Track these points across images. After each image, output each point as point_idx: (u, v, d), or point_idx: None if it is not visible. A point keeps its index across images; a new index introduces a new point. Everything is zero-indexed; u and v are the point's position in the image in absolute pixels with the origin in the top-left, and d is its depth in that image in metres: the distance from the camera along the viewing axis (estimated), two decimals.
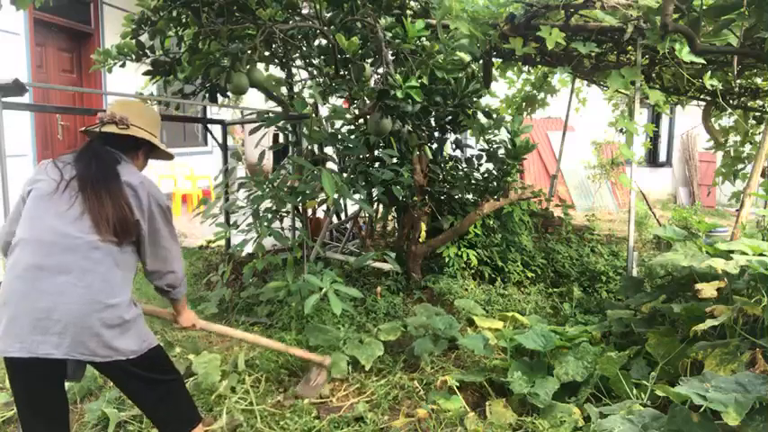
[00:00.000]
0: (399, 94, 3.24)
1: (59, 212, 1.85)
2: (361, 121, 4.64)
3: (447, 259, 4.75)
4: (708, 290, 2.83)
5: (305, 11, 3.99)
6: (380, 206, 5.21)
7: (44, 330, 1.75)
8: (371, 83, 3.98)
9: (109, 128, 2.00)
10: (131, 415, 2.80)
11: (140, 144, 2.10)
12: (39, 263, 1.79)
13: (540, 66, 5.65)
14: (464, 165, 5.49)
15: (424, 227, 4.70)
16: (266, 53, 4.34)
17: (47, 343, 1.74)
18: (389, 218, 5.73)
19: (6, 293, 1.79)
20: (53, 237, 1.81)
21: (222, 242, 5.10)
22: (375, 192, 4.63)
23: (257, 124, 4.16)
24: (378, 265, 4.63)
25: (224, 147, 4.74)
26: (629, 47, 4.32)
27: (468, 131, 5.08)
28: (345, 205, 5.98)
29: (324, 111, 5.16)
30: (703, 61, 3.68)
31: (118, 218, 1.88)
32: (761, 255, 2.93)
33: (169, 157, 2.27)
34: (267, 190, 3.52)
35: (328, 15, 3.77)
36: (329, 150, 4.91)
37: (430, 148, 5.18)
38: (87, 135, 2.08)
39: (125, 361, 1.86)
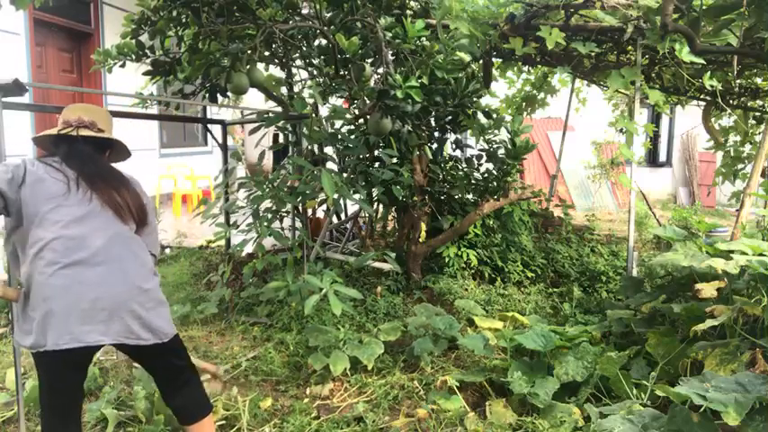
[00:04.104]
0: (399, 94, 3.24)
1: (80, 209, 1.93)
2: (361, 121, 4.64)
3: (447, 259, 4.75)
4: (708, 290, 2.83)
5: (305, 11, 3.99)
6: (380, 206, 5.21)
7: (91, 319, 1.84)
8: (371, 83, 3.97)
9: (86, 131, 2.07)
10: (131, 416, 2.80)
11: (108, 145, 2.20)
12: (73, 258, 1.86)
13: (540, 66, 5.65)
14: (464, 165, 5.49)
15: (424, 227, 4.70)
16: (266, 53, 4.34)
17: (95, 331, 1.84)
18: (389, 218, 5.73)
19: (46, 291, 1.83)
20: (81, 232, 1.89)
21: (222, 242, 5.10)
22: (375, 192, 4.63)
23: (257, 124, 4.16)
24: (378, 265, 4.63)
25: (224, 147, 4.73)
26: (629, 47, 4.31)
27: (469, 131, 5.08)
28: (345, 205, 5.97)
29: (324, 111, 5.15)
30: (703, 61, 3.68)
31: (137, 206, 2.04)
32: (761, 255, 2.93)
33: (128, 155, 2.32)
34: (267, 190, 3.51)
35: (328, 15, 3.77)
36: (329, 150, 4.91)
37: (430, 148, 5.17)
38: (40, 141, 2.13)
39: (160, 345, 1.98)
